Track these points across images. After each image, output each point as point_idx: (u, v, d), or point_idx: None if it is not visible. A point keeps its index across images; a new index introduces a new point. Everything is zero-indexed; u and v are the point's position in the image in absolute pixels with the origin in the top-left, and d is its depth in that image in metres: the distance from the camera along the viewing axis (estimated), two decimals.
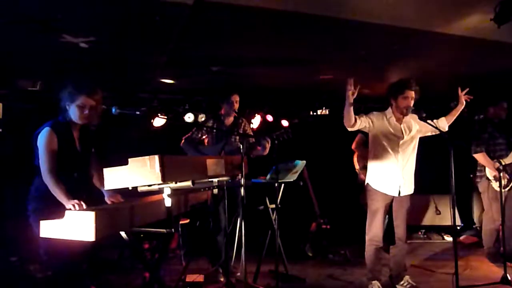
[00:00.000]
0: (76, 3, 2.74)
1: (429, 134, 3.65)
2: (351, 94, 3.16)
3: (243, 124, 4.24)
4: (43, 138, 2.59)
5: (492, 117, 4.46)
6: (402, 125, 3.50)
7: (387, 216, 3.81)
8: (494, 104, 4.46)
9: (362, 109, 5.93)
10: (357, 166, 4.67)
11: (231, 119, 4.20)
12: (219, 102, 4.22)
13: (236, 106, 4.11)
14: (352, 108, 3.24)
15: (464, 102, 3.63)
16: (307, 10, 2.96)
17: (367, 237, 3.57)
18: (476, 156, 4.39)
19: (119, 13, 2.96)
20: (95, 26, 3.21)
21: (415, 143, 3.58)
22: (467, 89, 3.62)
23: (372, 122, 3.47)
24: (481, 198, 4.58)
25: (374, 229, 3.51)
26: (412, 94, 3.42)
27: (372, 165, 3.60)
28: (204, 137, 4.18)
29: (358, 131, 3.64)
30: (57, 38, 3.30)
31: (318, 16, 3.05)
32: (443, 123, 3.65)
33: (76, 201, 2.39)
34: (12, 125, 4.70)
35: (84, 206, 2.40)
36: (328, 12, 3.00)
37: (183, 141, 4.11)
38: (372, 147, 3.60)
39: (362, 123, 3.41)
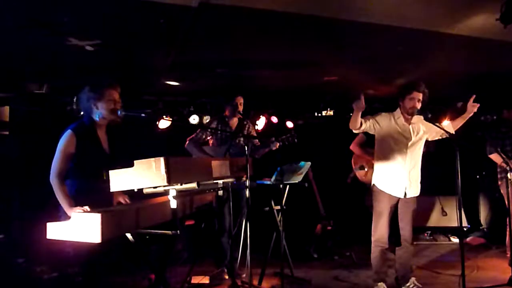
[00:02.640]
0: (81, 6, 2.76)
1: (438, 137, 3.63)
2: (361, 109, 3.22)
3: (247, 126, 4.25)
4: (61, 141, 2.60)
5: (507, 119, 4.45)
6: (410, 126, 3.49)
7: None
8: (508, 107, 4.44)
9: (367, 109, 5.92)
10: (354, 166, 4.68)
11: (235, 120, 4.21)
12: (223, 104, 4.24)
13: (240, 108, 4.12)
14: (360, 115, 3.29)
15: (472, 111, 3.55)
16: (312, 12, 2.96)
17: (372, 239, 3.55)
18: (491, 156, 4.37)
19: (124, 16, 2.98)
20: (101, 29, 3.23)
21: (421, 145, 3.56)
22: (474, 96, 3.56)
23: (378, 123, 3.47)
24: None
25: (379, 231, 3.50)
26: (420, 96, 3.41)
27: (378, 166, 3.59)
28: (208, 138, 4.19)
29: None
30: (63, 41, 3.32)
31: (323, 17, 3.05)
32: (449, 128, 3.62)
33: (79, 208, 2.37)
34: (18, 128, 4.74)
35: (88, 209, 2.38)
36: (332, 13, 3.00)
37: (187, 142, 4.13)
38: (379, 148, 3.59)
39: (367, 125, 3.43)
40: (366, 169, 4.44)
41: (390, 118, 3.52)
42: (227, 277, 3.93)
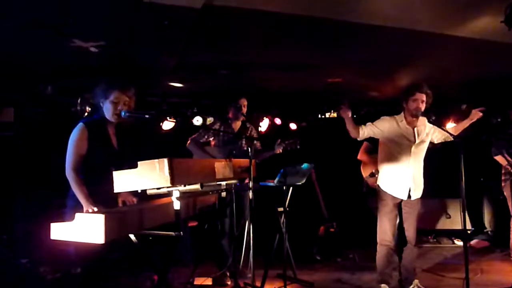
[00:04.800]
0: (86, 8, 2.78)
1: (441, 141, 3.62)
2: (348, 114, 3.34)
3: (250, 129, 4.25)
4: (73, 134, 2.57)
5: None
6: (415, 129, 3.48)
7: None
8: None
9: (371, 111, 5.92)
10: (364, 174, 4.65)
11: (238, 123, 4.20)
12: (227, 106, 4.24)
13: (244, 110, 4.12)
14: (352, 122, 3.39)
15: (474, 118, 3.54)
16: (315, 13, 2.97)
17: (378, 239, 3.55)
18: (496, 158, 4.35)
19: (128, 18, 2.99)
20: (105, 31, 3.24)
21: (425, 147, 3.55)
22: (483, 108, 3.54)
23: (378, 127, 3.48)
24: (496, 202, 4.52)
25: (384, 230, 3.49)
26: (423, 97, 3.40)
27: (383, 168, 3.59)
28: (210, 139, 4.19)
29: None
30: (67, 42, 3.34)
31: (327, 19, 3.05)
32: (452, 131, 3.61)
33: (95, 209, 2.39)
34: (23, 129, 4.76)
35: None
36: (337, 15, 3.00)
37: (189, 141, 4.13)
38: (383, 151, 3.59)
39: (368, 131, 3.47)
40: (376, 176, 4.42)
41: (392, 121, 3.51)
42: (229, 283, 3.91)
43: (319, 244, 4.96)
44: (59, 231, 2.22)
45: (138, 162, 2.36)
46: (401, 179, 3.47)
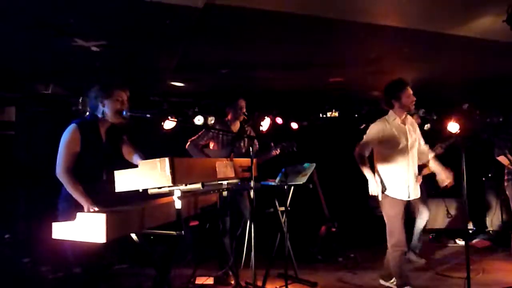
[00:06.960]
0: (87, 7, 2.78)
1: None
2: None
3: (248, 131, 4.24)
4: (65, 135, 2.58)
5: None
6: (406, 126, 3.45)
7: None
8: None
9: (373, 111, 5.91)
10: None
11: (237, 125, 4.20)
12: (226, 108, 4.23)
13: (243, 110, 4.12)
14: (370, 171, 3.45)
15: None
16: (317, 13, 2.96)
17: (389, 244, 3.42)
18: (499, 159, 4.36)
19: (130, 17, 2.99)
20: (106, 30, 3.25)
21: (417, 144, 3.53)
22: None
23: (373, 136, 3.44)
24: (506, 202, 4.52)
25: (397, 235, 3.37)
26: (410, 89, 3.40)
27: (385, 172, 3.47)
28: (210, 142, 4.19)
29: None
30: (69, 42, 3.34)
31: (328, 18, 3.04)
32: (425, 148, 3.62)
33: (95, 208, 2.40)
34: (24, 128, 4.77)
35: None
36: (338, 14, 2.99)
37: (188, 143, 4.13)
38: (381, 154, 3.49)
39: (367, 147, 3.47)
40: None
41: (383, 123, 3.44)
42: (232, 281, 3.91)
43: (321, 244, 4.95)
44: (61, 231, 2.22)
45: (140, 162, 2.37)
46: (403, 180, 3.40)
